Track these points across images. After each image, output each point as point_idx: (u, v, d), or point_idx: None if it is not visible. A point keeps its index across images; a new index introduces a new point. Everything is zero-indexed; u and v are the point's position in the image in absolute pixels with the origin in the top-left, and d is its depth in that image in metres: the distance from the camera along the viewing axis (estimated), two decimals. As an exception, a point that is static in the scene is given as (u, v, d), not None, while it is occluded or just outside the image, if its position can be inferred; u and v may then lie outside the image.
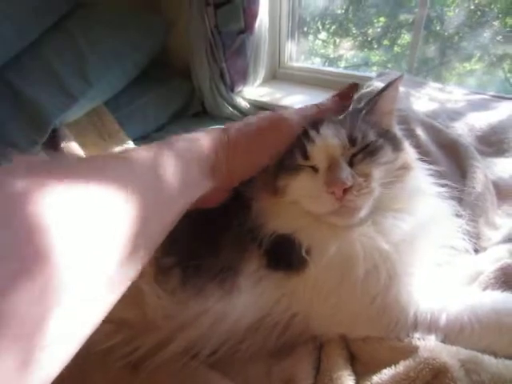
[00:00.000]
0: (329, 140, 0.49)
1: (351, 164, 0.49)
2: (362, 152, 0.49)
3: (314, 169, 0.50)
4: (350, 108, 0.60)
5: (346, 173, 0.46)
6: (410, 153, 0.56)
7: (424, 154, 0.84)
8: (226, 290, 0.48)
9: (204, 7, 1.34)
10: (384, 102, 0.56)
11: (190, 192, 0.42)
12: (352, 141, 0.49)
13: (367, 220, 0.49)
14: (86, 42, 1.22)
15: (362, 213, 0.48)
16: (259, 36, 1.43)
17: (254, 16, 1.36)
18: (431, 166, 0.60)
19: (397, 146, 0.53)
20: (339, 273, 0.47)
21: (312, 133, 0.50)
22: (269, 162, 0.52)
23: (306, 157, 0.50)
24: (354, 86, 0.61)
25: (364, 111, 0.54)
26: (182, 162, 0.41)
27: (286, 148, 0.52)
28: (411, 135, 0.88)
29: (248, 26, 1.37)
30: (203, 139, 0.47)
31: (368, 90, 1.03)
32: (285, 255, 0.49)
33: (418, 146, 0.86)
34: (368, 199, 0.47)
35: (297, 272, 0.48)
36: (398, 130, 0.59)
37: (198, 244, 0.51)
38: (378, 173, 0.48)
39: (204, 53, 1.43)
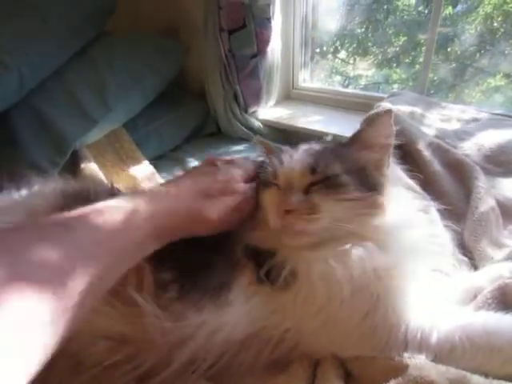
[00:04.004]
0: (292, 165, 0.54)
1: (307, 191, 0.52)
2: (321, 183, 0.52)
3: (279, 188, 0.54)
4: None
5: (294, 197, 0.51)
6: (388, 195, 0.54)
7: (429, 174, 0.85)
8: (218, 304, 0.50)
9: (218, 32, 1.40)
10: (366, 136, 0.56)
11: (132, 258, 0.46)
12: (312, 170, 0.52)
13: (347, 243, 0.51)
14: (107, 67, 1.28)
15: (306, 239, 0.51)
16: (272, 59, 1.48)
17: (267, 41, 1.41)
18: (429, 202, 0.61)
19: (370, 187, 0.53)
20: (326, 292, 0.49)
21: (284, 156, 0.56)
22: None
23: (275, 176, 0.55)
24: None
25: (340, 144, 0.58)
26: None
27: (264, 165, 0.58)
28: (417, 155, 0.89)
29: (260, 50, 1.42)
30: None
31: (374, 111, 1.04)
32: (273, 271, 0.51)
33: (423, 165, 0.88)
34: (310, 226, 0.50)
35: (284, 288, 0.50)
36: (387, 172, 0.57)
37: (194, 260, 0.53)
38: (330, 206, 0.50)
39: (218, 75, 1.48)
